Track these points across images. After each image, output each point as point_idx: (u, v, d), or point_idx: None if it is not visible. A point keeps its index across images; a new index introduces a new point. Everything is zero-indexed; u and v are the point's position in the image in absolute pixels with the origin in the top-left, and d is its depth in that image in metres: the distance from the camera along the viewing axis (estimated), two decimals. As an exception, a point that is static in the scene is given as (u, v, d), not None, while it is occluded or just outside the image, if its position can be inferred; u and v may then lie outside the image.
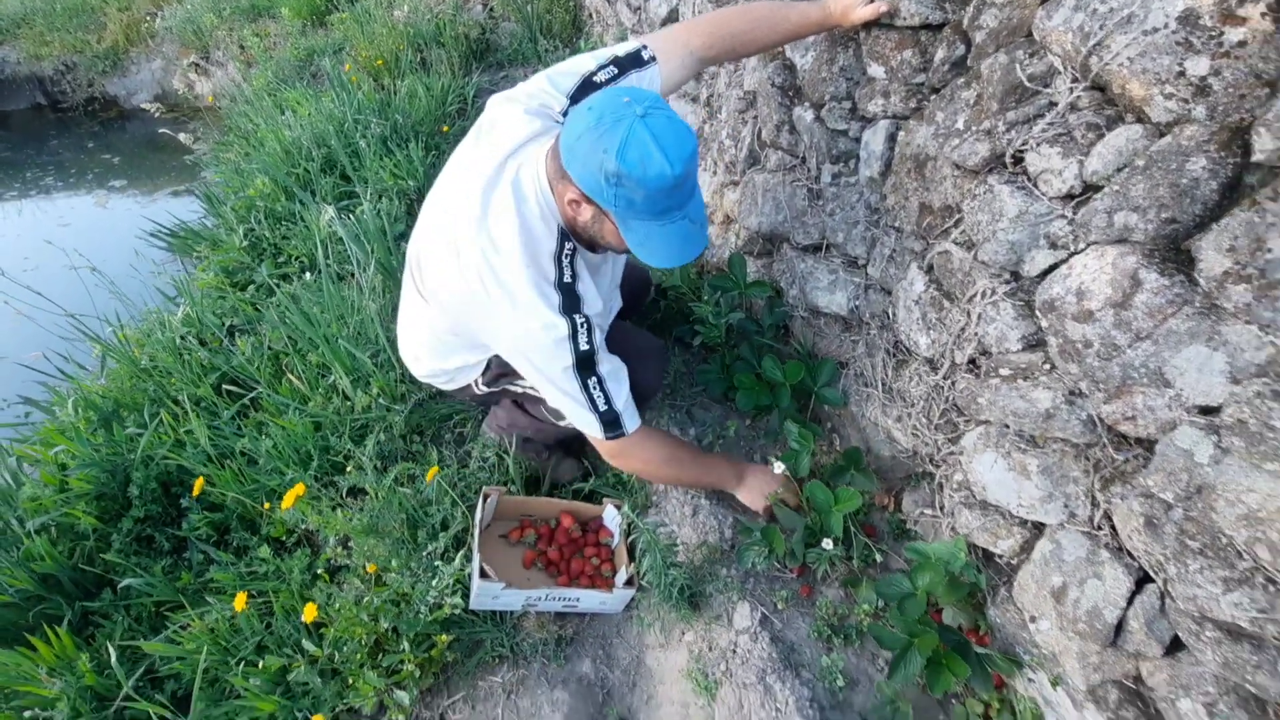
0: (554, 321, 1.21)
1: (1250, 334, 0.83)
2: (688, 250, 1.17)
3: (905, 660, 1.20)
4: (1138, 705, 1.05)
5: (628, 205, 1.10)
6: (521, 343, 1.26)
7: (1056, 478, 1.10)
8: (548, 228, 1.22)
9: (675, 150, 1.05)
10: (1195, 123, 0.90)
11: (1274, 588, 0.85)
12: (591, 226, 1.21)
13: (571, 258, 1.25)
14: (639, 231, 1.14)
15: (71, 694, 1.40)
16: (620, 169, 1.04)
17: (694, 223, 1.15)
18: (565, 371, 1.26)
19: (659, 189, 1.06)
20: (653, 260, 1.16)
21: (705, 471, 1.58)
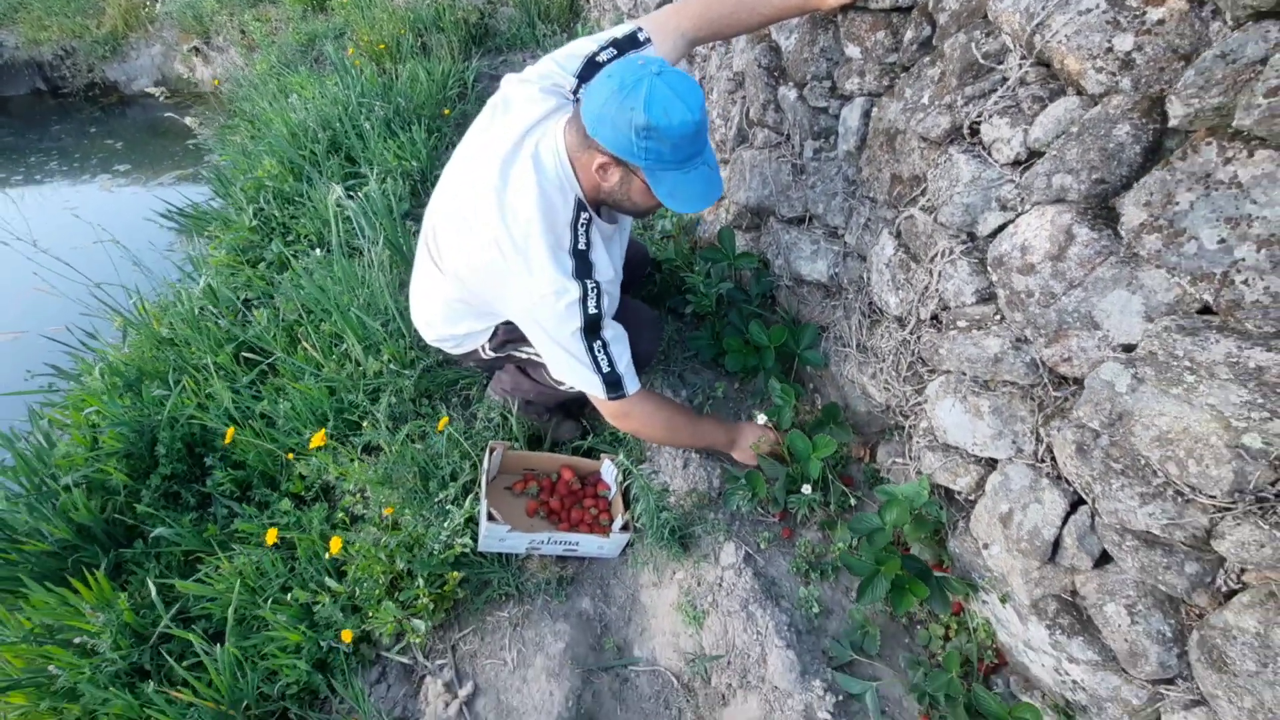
0: (566, 286, 1.31)
1: (1161, 277, 0.96)
2: (710, 193, 1.29)
3: (872, 585, 1.34)
4: (1072, 614, 1.18)
5: (658, 157, 1.22)
6: (535, 308, 1.35)
7: (1006, 417, 1.23)
8: (564, 198, 1.33)
9: (693, 98, 1.19)
10: (1121, 93, 1.01)
11: (1181, 499, 0.97)
12: (619, 189, 1.32)
13: (587, 226, 1.36)
14: (667, 182, 1.25)
15: (113, 629, 1.53)
16: (650, 121, 1.16)
17: (711, 168, 1.29)
18: (574, 335, 1.36)
19: (683, 136, 1.19)
20: (682, 206, 1.28)
21: (700, 434, 1.68)
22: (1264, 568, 0.91)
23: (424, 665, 1.52)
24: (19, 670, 1.46)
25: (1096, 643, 1.15)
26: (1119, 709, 1.14)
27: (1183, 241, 0.92)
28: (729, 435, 1.70)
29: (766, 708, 1.34)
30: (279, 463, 1.88)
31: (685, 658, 1.48)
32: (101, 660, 1.48)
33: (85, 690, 1.42)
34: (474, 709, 1.44)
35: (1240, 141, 0.88)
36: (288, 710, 1.46)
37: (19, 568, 1.67)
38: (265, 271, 2.63)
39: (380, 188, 2.61)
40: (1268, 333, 0.84)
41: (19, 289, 2.81)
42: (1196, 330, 0.91)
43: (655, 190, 1.27)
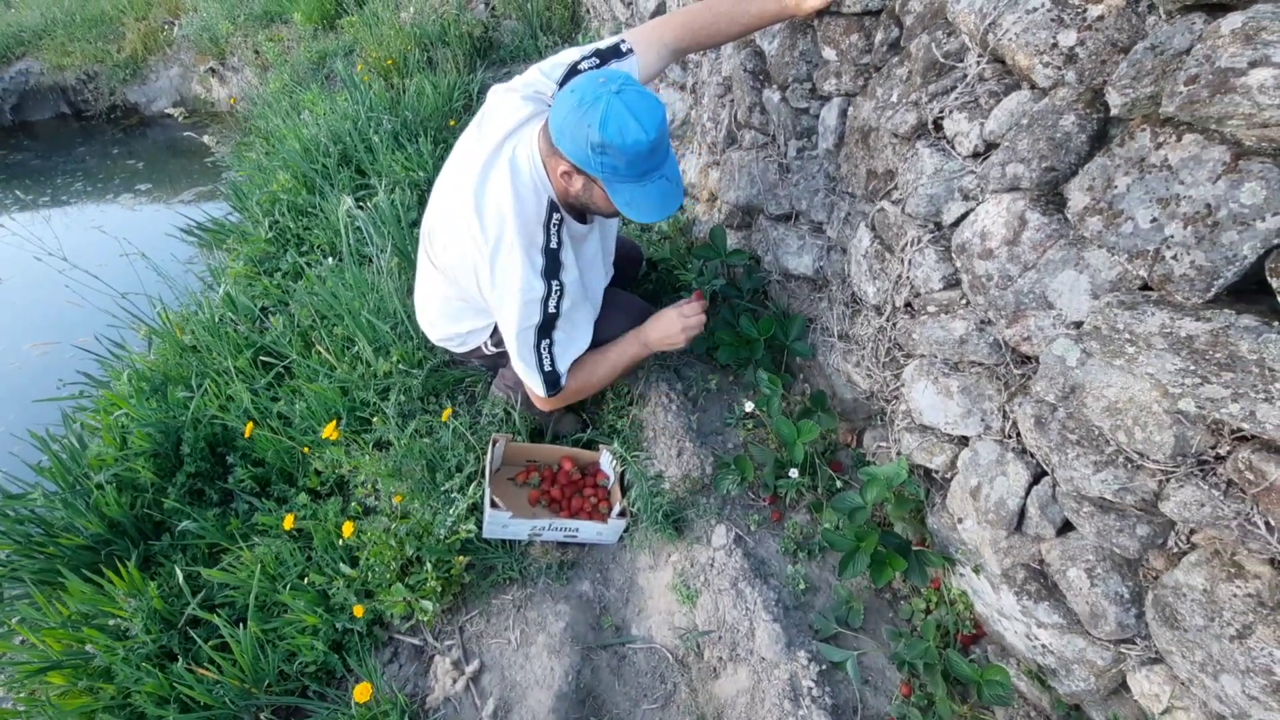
0: (534, 283, 1.42)
1: (1103, 256, 1.02)
2: (668, 205, 1.35)
3: (853, 559, 1.40)
4: (1039, 581, 1.24)
5: (613, 171, 1.29)
6: (504, 299, 1.46)
7: (974, 396, 1.29)
8: (538, 199, 1.42)
9: (648, 118, 1.25)
10: (1067, 86, 1.08)
11: (1130, 465, 1.04)
12: (583, 194, 1.40)
13: (559, 227, 1.45)
14: (624, 193, 1.33)
15: (144, 614, 1.64)
16: (603, 139, 1.24)
17: (670, 181, 1.35)
18: (529, 329, 1.47)
19: (637, 154, 1.25)
20: (640, 217, 1.35)
21: (615, 364, 1.67)
22: (1205, 526, 0.96)
23: (433, 645, 1.61)
24: (58, 653, 1.57)
25: (1061, 607, 1.20)
26: (1085, 670, 1.20)
27: (1121, 222, 0.98)
28: (642, 339, 1.67)
29: (755, 678, 1.41)
30: (296, 459, 1.98)
31: (679, 634, 1.55)
32: (134, 643, 1.58)
33: (119, 670, 1.52)
34: (480, 684, 1.52)
35: (1170, 127, 0.94)
36: (306, 688, 1.55)
37: (57, 560, 1.79)
38: (281, 281, 2.75)
39: (389, 198, 2.73)
40: (1196, 304, 0.90)
41: (51, 302, 2.96)
42: (1135, 304, 0.97)
43: (614, 200, 1.34)
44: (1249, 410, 0.86)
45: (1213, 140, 0.88)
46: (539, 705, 1.47)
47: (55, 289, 2.83)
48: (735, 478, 1.68)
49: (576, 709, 1.48)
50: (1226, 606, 0.96)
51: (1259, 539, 0.90)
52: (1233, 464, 0.91)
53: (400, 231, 2.58)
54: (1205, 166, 0.88)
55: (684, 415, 1.90)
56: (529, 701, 1.48)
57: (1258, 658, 0.93)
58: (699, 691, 1.48)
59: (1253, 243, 0.83)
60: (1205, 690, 1.01)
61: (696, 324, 1.65)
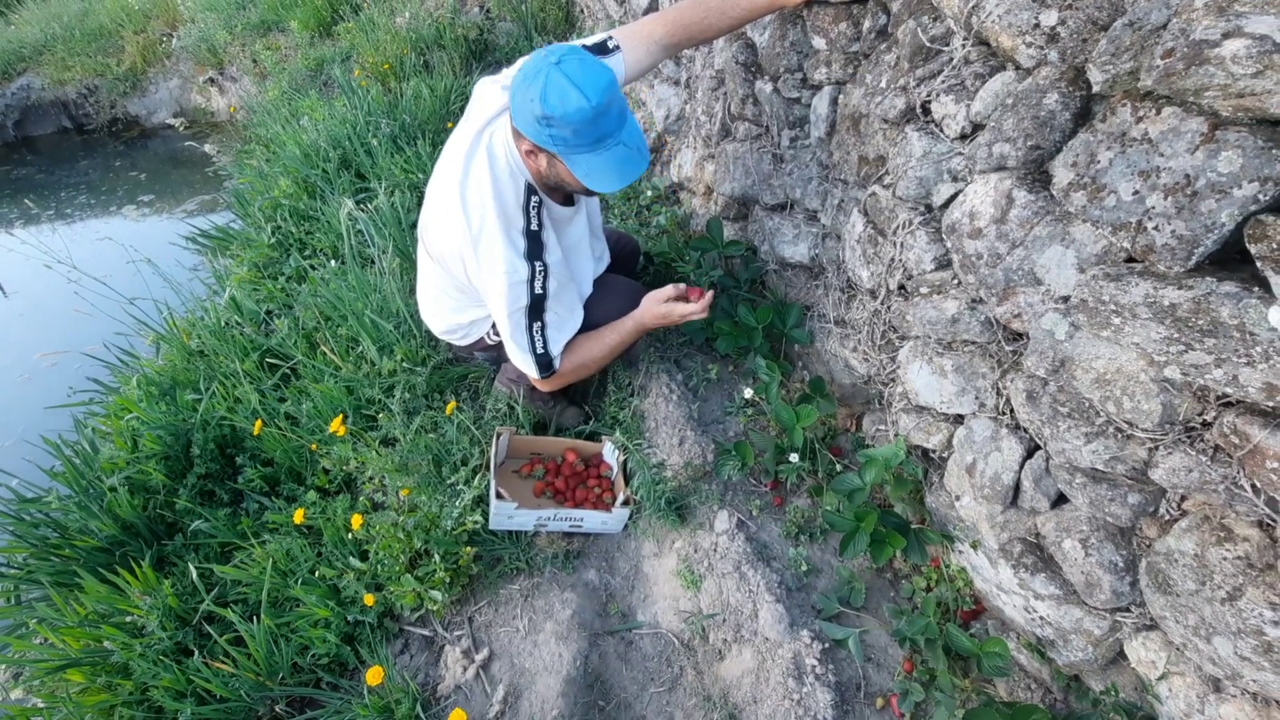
0: (517, 265, 1.45)
1: (1088, 230, 1.04)
2: (628, 172, 1.34)
3: (853, 539, 1.42)
4: (1035, 554, 1.26)
5: (564, 143, 1.30)
6: (492, 282, 1.48)
7: (968, 374, 1.31)
8: (515, 183, 1.46)
9: (589, 85, 1.25)
10: (1049, 65, 1.10)
11: (1121, 435, 1.05)
12: (549, 172, 1.42)
13: (539, 208, 1.49)
14: (582, 165, 1.33)
15: (159, 612, 1.67)
16: (545, 111, 1.25)
17: (629, 147, 1.33)
18: (519, 311, 1.49)
19: (582, 121, 1.26)
20: (601, 187, 1.35)
21: (613, 340, 1.64)
22: (1194, 492, 0.98)
23: (443, 636, 1.63)
24: (77, 651, 1.60)
25: (1058, 578, 1.22)
26: (1083, 640, 1.22)
27: (1104, 196, 1.00)
28: (637, 321, 1.64)
29: (759, 658, 1.43)
30: (304, 459, 2.02)
31: (684, 618, 1.58)
32: (151, 639, 1.61)
33: (137, 666, 1.55)
34: (490, 672, 1.55)
35: (1150, 101, 0.96)
36: (320, 679, 1.58)
37: (73, 562, 1.82)
38: (285, 284, 2.79)
39: (389, 200, 2.76)
40: (1178, 273, 0.92)
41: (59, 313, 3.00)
42: (1120, 276, 0.99)
43: (574, 172, 1.34)
44: (1232, 375, 0.88)
45: (1190, 112, 0.90)
46: (548, 691, 1.49)
47: (63, 299, 2.87)
48: (736, 463, 1.70)
49: (585, 694, 1.50)
50: (1217, 570, 0.98)
51: (1246, 501, 0.92)
52: (1218, 429, 0.93)
53: (401, 233, 2.61)
54: (1184, 138, 0.90)
55: (685, 405, 1.93)
56: (538, 687, 1.50)
57: (1248, 619, 0.95)
58: (705, 674, 1.51)
59: (1230, 210, 0.85)
60: (1199, 654, 1.03)
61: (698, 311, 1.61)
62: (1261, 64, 0.79)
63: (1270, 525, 0.93)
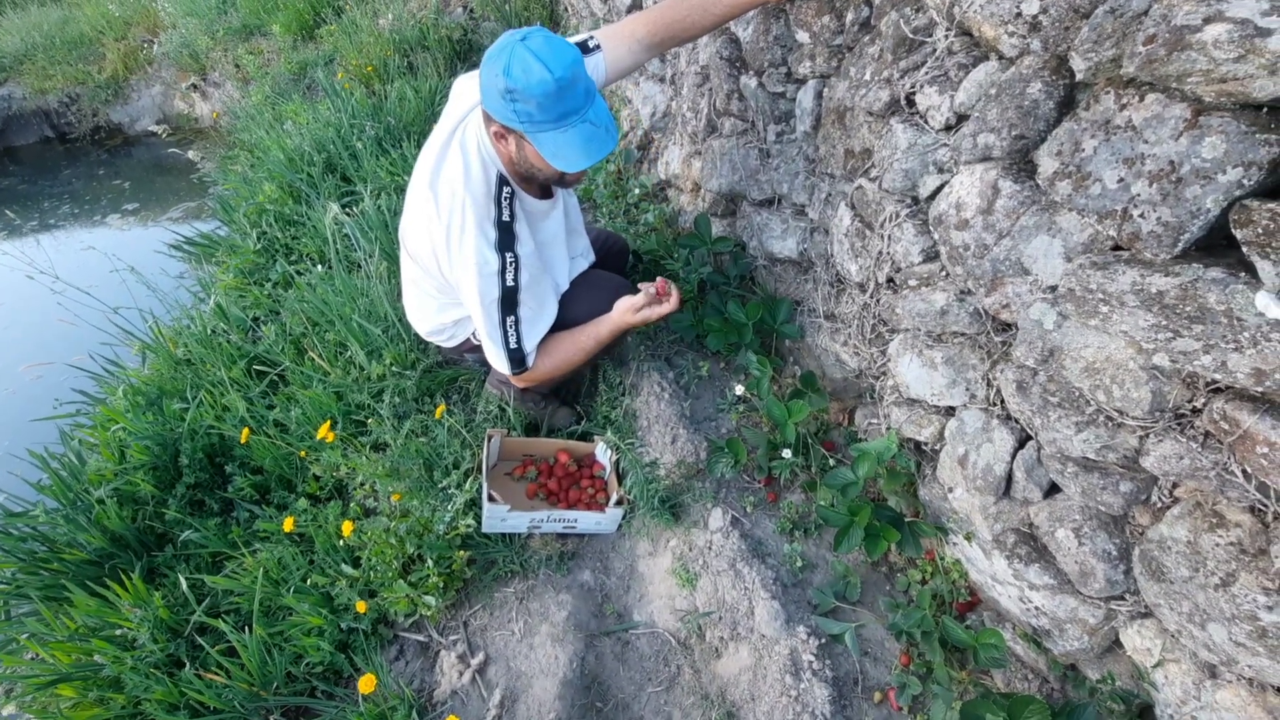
0: (488, 257, 1.44)
1: (1075, 219, 1.04)
2: (593, 149, 1.33)
3: (848, 534, 1.42)
4: (1029, 544, 1.26)
5: (528, 118, 1.29)
6: (465, 274, 1.48)
7: (958, 366, 1.31)
8: (486, 174, 1.46)
9: (553, 60, 1.24)
10: (1032, 54, 1.10)
11: (1111, 424, 1.05)
12: (518, 155, 1.41)
13: (510, 200, 1.48)
14: (548, 143, 1.32)
15: (150, 624, 1.65)
16: (508, 84, 1.25)
17: (595, 125, 1.32)
18: (492, 304, 1.49)
19: (545, 94, 1.25)
20: (567, 165, 1.33)
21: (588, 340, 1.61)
22: (1185, 478, 0.98)
23: (438, 641, 1.62)
24: (67, 665, 1.58)
25: (1052, 568, 1.22)
26: (1078, 629, 1.22)
27: (1089, 184, 1.00)
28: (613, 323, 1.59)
29: (756, 655, 1.43)
30: (294, 466, 2.00)
31: (680, 617, 1.57)
32: (142, 652, 1.59)
33: (129, 679, 1.54)
34: (486, 676, 1.54)
35: (1133, 88, 0.96)
36: (315, 688, 1.57)
37: (61, 576, 1.80)
38: (271, 290, 2.76)
39: (374, 203, 2.73)
40: (1164, 260, 0.92)
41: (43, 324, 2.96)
42: (1107, 264, 0.99)
43: (541, 152, 1.33)
44: (1220, 361, 0.87)
45: (1173, 98, 0.90)
46: (545, 693, 1.48)
47: (46, 310, 2.83)
48: (729, 461, 1.69)
49: (582, 695, 1.50)
50: (1210, 556, 0.98)
51: (1237, 487, 0.92)
52: (1208, 415, 0.93)
53: (387, 236, 2.59)
54: (1167, 124, 0.90)
55: (676, 403, 1.92)
56: (535, 690, 1.50)
57: (1242, 604, 0.95)
58: (702, 672, 1.50)
59: (1215, 196, 0.85)
60: (1194, 640, 1.03)
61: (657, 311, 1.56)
62: (1243, 48, 0.78)
63: (1261, 510, 0.93)
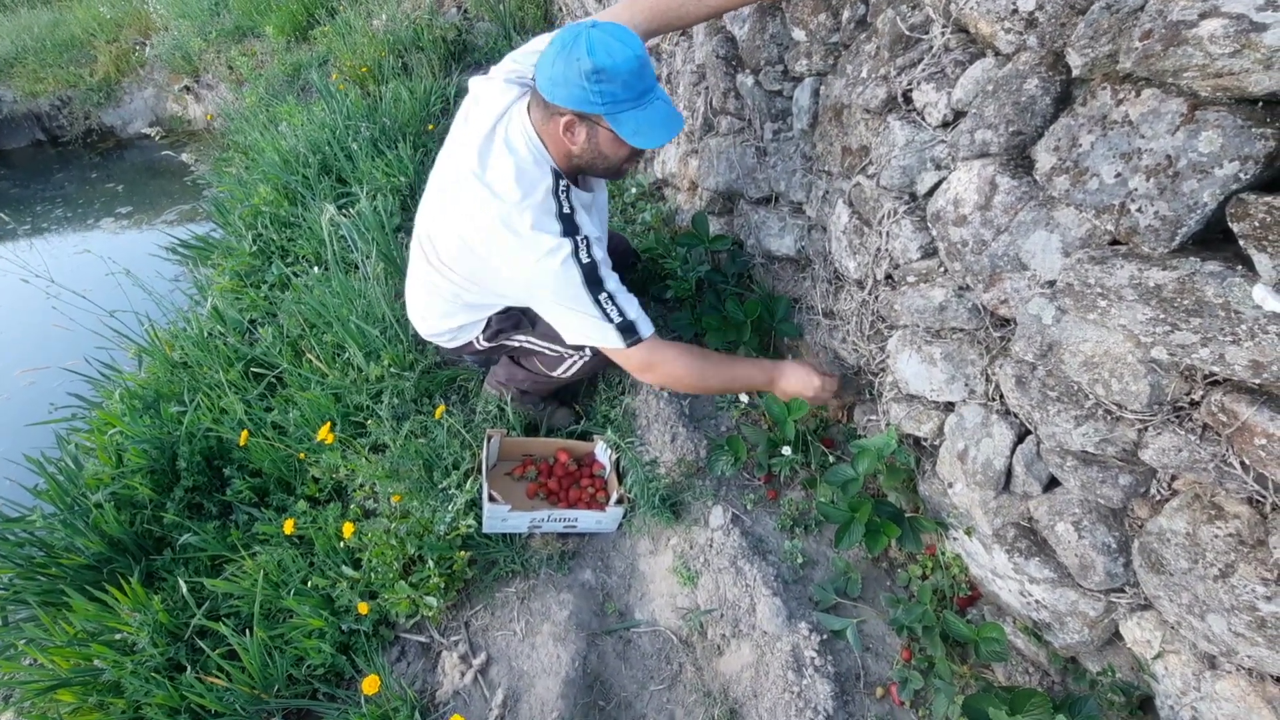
0: (558, 243, 1.39)
1: (1072, 214, 1.04)
2: (671, 125, 1.38)
3: (848, 530, 1.42)
4: (1029, 538, 1.26)
5: (613, 99, 1.31)
6: (536, 275, 1.42)
7: (957, 362, 1.32)
8: (541, 171, 1.43)
9: (629, 38, 1.30)
10: (1029, 50, 1.10)
11: (1110, 417, 1.06)
12: (588, 145, 1.40)
13: (567, 192, 1.46)
14: (629, 123, 1.34)
15: (150, 628, 1.64)
16: (596, 64, 1.27)
17: (665, 102, 1.38)
18: (579, 290, 1.42)
19: (630, 71, 1.29)
20: (649, 141, 1.36)
21: (735, 375, 1.58)
22: (1184, 471, 0.99)
23: (439, 641, 1.62)
24: (67, 670, 1.58)
25: (1052, 561, 1.23)
26: (1079, 622, 1.22)
27: (1087, 179, 1.01)
28: (768, 374, 1.57)
29: (758, 652, 1.43)
30: (293, 468, 1.99)
31: (682, 615, 1.57)
32: (142, 656, 1.58)
33: (129, 683, 1.53)
34: (488, 676, 1.54)
35: (1129, 83, 0.97)
36: (316, 690, 1.56)
37: (60, 581, 1.79)
38: (268, 292, 2.75)
39: (371, 204, 2.73)
40: (1162, 254, 0.93)
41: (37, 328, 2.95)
42: (1105, 259, 0.99)
43: (620, 132, 1.34)
44: (1218, 353, 0.88)
45: (1170, 93, 0.90)
46: (547, 693, 1.48)
47: (41, 315, 2.82)
48: (729, 458, 1.70)
49: (584, 694, 1.50)
50: (1209, 548, 0.98)
51: (1235, 479, 0.93)
52: (1206, 408, 0.93)
53: (384, 237, 2.58)
54: (1164, 119, 0.90)
55: (676, 401, 1.92)
56: (537, 690, 1.50)
57: (1241, 595, 0.95)
58: (704, 670, 1.50)
59: (1212, 190, 0.86)
60: (1193, 631, 1.04)
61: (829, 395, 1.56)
62: (1239, 43, 0.79)
63: (1260, 502, 0.93)
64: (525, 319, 1.77)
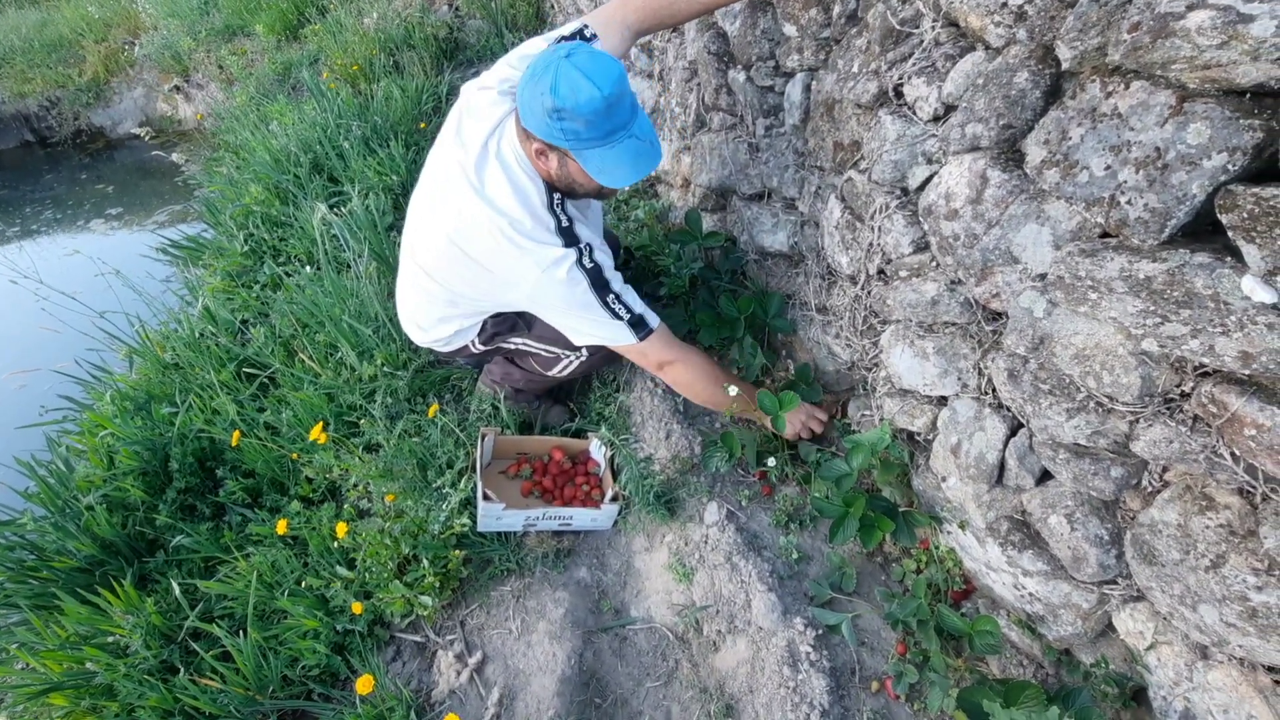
0: (563, 254, 1.39)
1: (1063, 207, 1.04)
2: (641, 165, 1.33)
3: (843, 525, 1.43)
4: (1022, 531, 1.27)
5: (576, 136, 1.27)
6: (541, 284, 1.42)
7: (949, 356, 1.32)
8: (535, 185, 1.42)
9: (600, 76, 1.23)
10: (1018, 43, 1.10)
11: (1102, 410, 1.06)
12: (560, 172, 1.39)
13: (563, 205, 1.45)
14: (594, 160, 1.31)
15: (143, 630, 1.63)
16: (556, 103, 1.23)
17: (641, 140, 1.32)
18: (586, 294, 1.42)
19: (593, 112, 1.24)
20: (615, 181, 1.33)
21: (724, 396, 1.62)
22: (1175, 462, 0.99)
23: (435, 641, 1.62)
24: (59, 674, 1.57)
25: (1045, 554, 1.23)
26: (1072, 614, 1.23)
27: (1077, 172, 1.01)
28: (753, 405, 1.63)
29: (754, 648, 1.43)
30: (286, 468, 1.98)
31: (677, 611, 1.57)
32: (135, 659, 1.58)
33: (122, 686, 1.52)
34: (484, 675, 1.53)
35: (1118, 76, 0.97)
36: (311, 691, 1.56)
37: (51, 584, 1.78)
38: (260, 292, 2.74)
39: (363, 203, 2.72)
40: (1152, 246, 0.93)
41: (27, 330, 2.92)
42: (1095, 251, 0.99)
43: (586, 169, 1.32)
44: (1208, 345, 0.88)
45: (1159, 85, 0.91)
46: (543, 691, 1.48)
47: (31, 317, 2.79)
48: (723, 455, 1.70)
49: (580, 692, 1.50)
50: (1200, 539, 0.99)
51: (1226, 469, 0.93)
52: (1197, 399, 0.94)
53: (377, 236, 2.58)
54: (1153, 111, 0.90)
55: (670, 398, 1.92)
56: (533, 688, 1.49)
57: (1232, 585, 0.96)
58: (700, 666, 1.50)
59: (1201, 181, 0.86)
60: (1185, 622, 1.04)
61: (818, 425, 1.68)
62: (1226, 35, 0.79)
63: (1250, 492, 0.94)
64: (521, 321, 1.76)
